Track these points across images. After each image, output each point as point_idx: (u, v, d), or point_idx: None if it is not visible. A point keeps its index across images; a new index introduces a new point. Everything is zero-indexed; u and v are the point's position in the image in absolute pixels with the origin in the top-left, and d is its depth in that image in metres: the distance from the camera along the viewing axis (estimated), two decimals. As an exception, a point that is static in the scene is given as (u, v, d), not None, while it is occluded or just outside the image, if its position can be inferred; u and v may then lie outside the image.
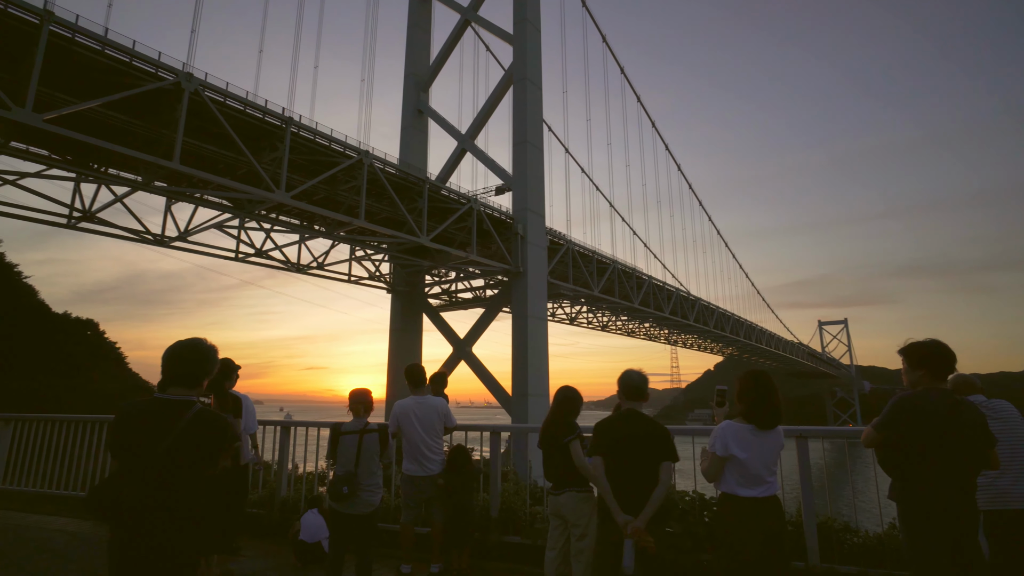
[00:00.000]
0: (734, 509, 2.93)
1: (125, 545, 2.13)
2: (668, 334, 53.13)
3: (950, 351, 2.92)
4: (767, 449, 2.96)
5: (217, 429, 2.30)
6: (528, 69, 28.66)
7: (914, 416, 2.81)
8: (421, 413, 4.99)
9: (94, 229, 17.88)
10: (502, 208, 27.08)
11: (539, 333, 26.75)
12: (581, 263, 31.16)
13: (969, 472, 2.75)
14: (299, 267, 24.40)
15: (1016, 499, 3.27)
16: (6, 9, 12.34)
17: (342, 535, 4.10)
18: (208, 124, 15.82)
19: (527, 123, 28.14)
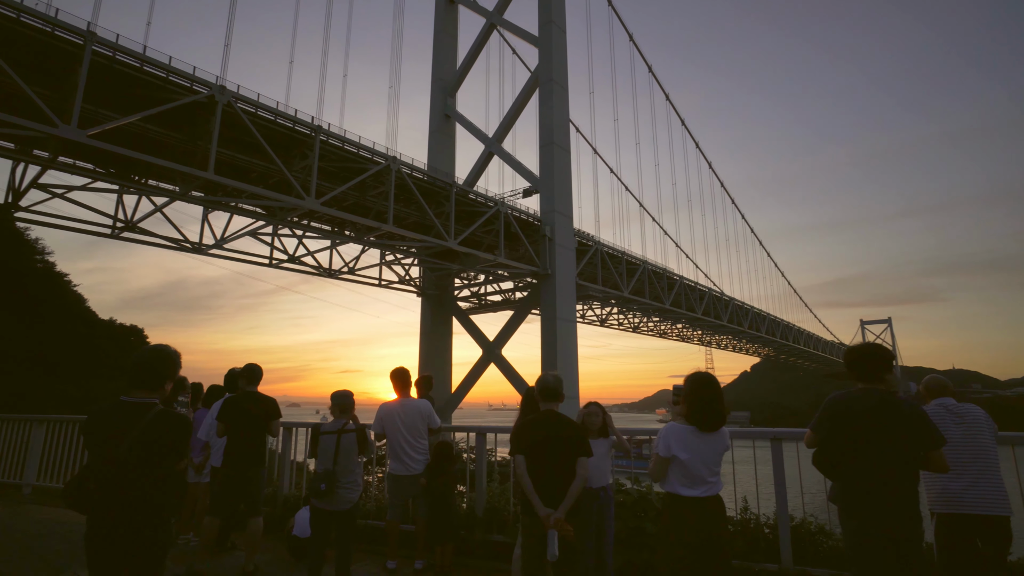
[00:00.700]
0: (674, 509, 3.00)
1: (96, 533, 2.33)
2: (701, 335, 52.25)
3: (881, 352, 2.99)
4: (710, 450, 3.02)
5: (175, 429, 2.50)
6: (554, 71, 28.62)
7: (842, 417, 2.86)
8: (404, 415, 5.15)
9: (136, 239, 18.60)
10: (529, 210, 27.10)
11: (568, 335, 26.64)
12: (610, 264, 30.92)
13: (901, 472, 2.76)
14: (331, 272, 24.89)
15: (968, 504, 3.20)
16: (53, 31, 12.98)
17: (323, 530, 4.27)
18: (241, 134, 16.30)
19: (553, 125, 28.09)
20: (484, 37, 32.68)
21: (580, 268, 28.74)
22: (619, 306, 38.60)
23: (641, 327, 44.62)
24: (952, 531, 3.24)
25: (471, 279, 31.36)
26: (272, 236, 22.21)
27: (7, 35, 12.45)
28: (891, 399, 2.84)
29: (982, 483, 3.22)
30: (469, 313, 31.93)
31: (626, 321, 42.73)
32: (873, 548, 2.71)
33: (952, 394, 3.52)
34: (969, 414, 3.38)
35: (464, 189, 24.95)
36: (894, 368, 3.12)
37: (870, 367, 2.95)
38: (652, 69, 40.77)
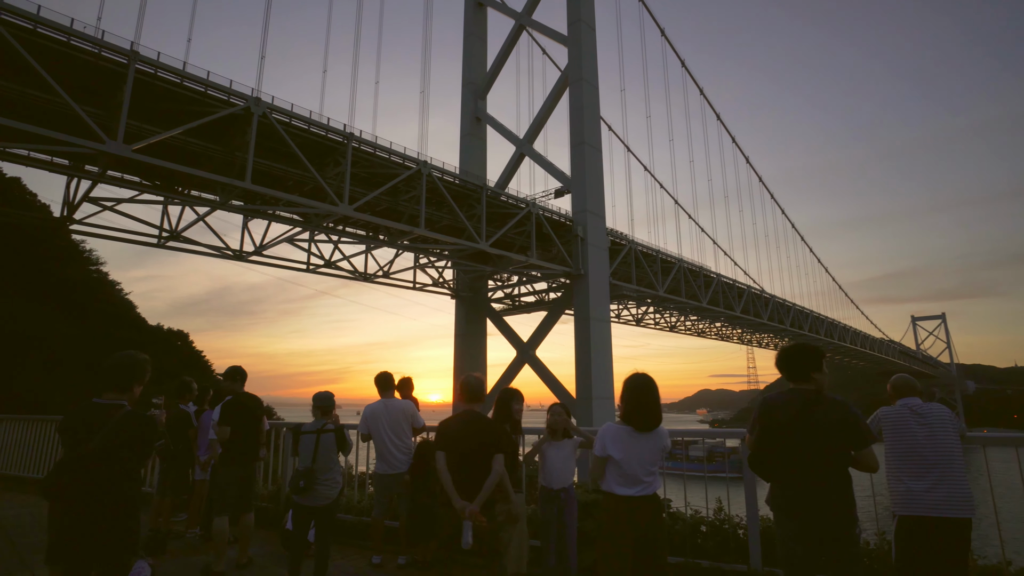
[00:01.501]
0: (610, 507, 3.07)
1: (66, 524, 2.52)
2: (741, 333, 51.01)
3: (805, 352, 2.98)
4: (646, 450, 3.07)
5: (141, 429, 2.69)
6: (584, 69, 28.44)
7: (768, 417, 2.89)
8: (388, 415, 5.29)
9: (181, 247, 19.37)
10: (561, 211, 26.99)
11: (602, 335, 26.41)
12: (644, 263, 30.50)
13: (829, 473, 2.75)
14: (366, 276, 25.33)
15: (928, 505, 3.12)
16: (100, 52, 13.63)
17: (303, 525, 4.43)
18: (276, 144, 16.76)
19: (584, 124, 27.91)
20: (513, 38, 32.74)
21: (613, 268, 28.43)
22: (655, 305, 38.04)
23: (678, 326, 43.85)
24: (911, 533, 3.17)
25: (504, 280, 31.44)
26: (309, 242, 22.77)
27: (59, 58, 13.15)
28: (817, 399, 2.85)
29: (944, 485, 3.14)
30: (503, 314, 31.99)
31: (662, 320, 42.07)
32: (798, 549, 2.73)
33: (918, 394, 3.46)
34: (932, 414, 3.31)
35: (496, 191, 25.03)
36: (823, 368, 3.00)
37: (797, 366, 2.96)
38: (685, 63, 40.05)
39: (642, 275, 31.09)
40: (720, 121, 43.87)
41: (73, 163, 15.92)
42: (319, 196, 18.15)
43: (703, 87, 41.32)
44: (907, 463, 3.25)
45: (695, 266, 35.01)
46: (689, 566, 4.35)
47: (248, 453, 4.94)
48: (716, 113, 43.49)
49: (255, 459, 5.08)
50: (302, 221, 20.41)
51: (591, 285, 26.20)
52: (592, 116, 28.65)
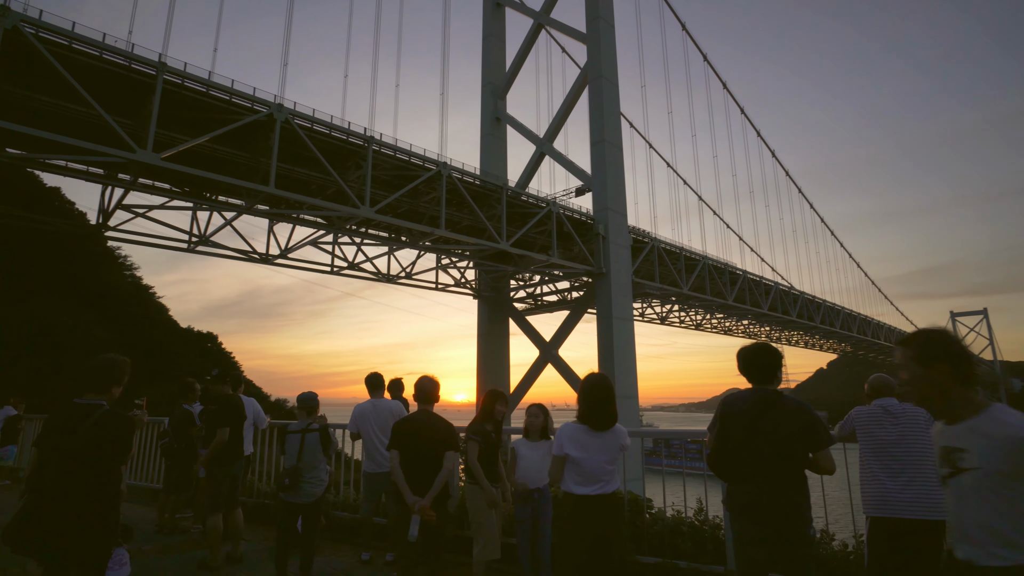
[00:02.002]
0: (568, 506, 3.08)
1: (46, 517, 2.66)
2: (769, 331, 50.07)
3: (765, 352, 2.93)
4: (604, 449, 3.08)
5: (117, 428, 2.82)
6: (603, 67, 28.31)
7: (726, 416, 2.87)
8: (376, 415, 5.39)
9: (209, 252, 19.90)
10: (582, 209, 26.92)
11: (625, 334, 26.25)
12: (668, 260, 30.22)
13: (783, 473, 2.72)
14: (388, 277, 25.64)
15: (900, 507, 3.06)
16: (130, 65, 14.14)
17: (289, 521, 4.57)
18: (299, 149, 17.12)
19: (604, 121, 27.78)
20: (532, 38, 32.77)
21: (636, 266, 28.24)
22: (679, 303, 37.64)
23: (704, 324, 43.31)
24: (882, 535, 3.11)
25: (526, 280, 31.49)
26: (332, 244, 23.15)
27: (92, 71, 13.68)
28: (775, 400, 2.80)
29: (916, 486, 3.07)
30: (525, 314, 32.04)
31: (687, 318, 41.59)
32: (756, 551, 2.70)
33: (896, 394, 3.37)
34: (906, 414, 3.24)
35: (517, 191, 25.09)
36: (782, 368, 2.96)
37: (760, 366, 2.91)
38: (707, 58, 39.52)
39: (665, 273, 30.80)
40: (744, 115, 43.21)
41: (107, 172, 16.54)
42: (341, 199, 18.48)
43: (726, 81, 40.72)
44: (879, 463, 3.20)
45: (720, 263, 34.53)
46: (667, 566, 4.34)
47: (234, 452, 5.09)
48: (740, 107, 42.86)
49: (240, 457, 5.23)
50: (326, 224, 20.79)
51: (613, 283, 26.07)
52: (612, 113, 28.51)
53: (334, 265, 23.58)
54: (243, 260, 20.88)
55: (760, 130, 44.35)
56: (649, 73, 35.79)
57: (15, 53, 12.55)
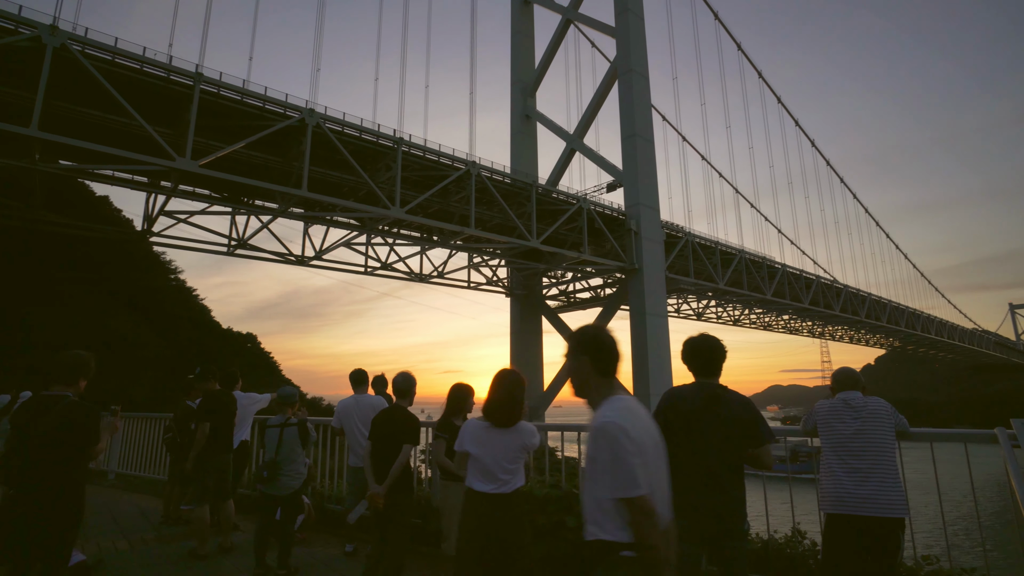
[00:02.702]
0: (468, 503, 3.04)
1: (14, 504, 2.86)
2: (811, 326, 48.57)
3: (707, 345, 2.92)
4: (504, 447, 3.04)
5: (79, 418, 3.01)
6: (633, 60, 27.93)
7: (671, 410, 2.88)
8: (359, 411, 5.46)
9: (248, 255, 20.52)
10: (614, 205, 26.63)
11: (659, 331, 25.87)
12: (702, 255, 29.62)
13: (722, 467, 2.73)
14: (421, 277, 25.93)
15: (854, 503, 2.95)
16: (168, 76, 14.69)
17: (268, 513, 4.71)
18: (330, 152, 17.47)
19: (635, 115, 27.42)
20: (560, 33, 32.58)
21: (670, 261, 27.79)
22: (716, 299, 36.88)
23: (742, 320, 42.33)
24: (836, 532, 3.01)
25: (558, 277, 31.37)
26: (366, 245, 23.55)
27: (133, 84, 14.26)
28: (719, 394, 2.82)
29: (872, 482, 2.95)
30: (558, 311, 31.93)
31: (725, 314, 40.71)
32: (686, 544, 2.67)
33: (861, 388, 3.28)
34: (867, 408, 3.14)
35: (548, 188, 25.03)
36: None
37: (705, 360, 2.92)
38: (741, 47, 38.52)
39: (700, 268, 30.22)
40: (781, 104, 41.96)
41: (150, 180, 17.24)
42: (372, 201, 18.77)
43: (761, 70, 39.61)
44: (836, 458, 3.11)
45: (757, 257, 33.67)
46: None
47: (219, 446, 5.26)
48: (776, 96, 41.61)
49: (227, 451, 5.40)
50: (358, 225, 21.16)
51: (646, 279, 25.72)
52: (643, 107, 28.10)
53: (367, 266, 23.98)
54: (280, 262, 21.46)
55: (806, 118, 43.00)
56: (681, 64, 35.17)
57: (64, 70, 13.19)
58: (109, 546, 5.63)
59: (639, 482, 1.79)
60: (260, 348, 27.83)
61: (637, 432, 1.88)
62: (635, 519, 1.78)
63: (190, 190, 17.90)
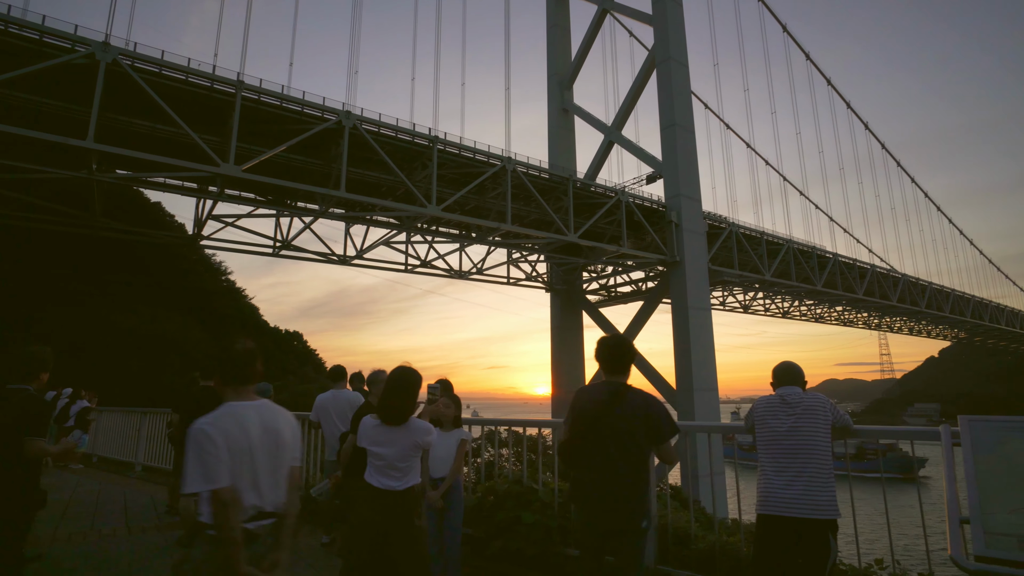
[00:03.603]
0: (362, 495, 3.08)
1: None
2: (867, 317, 46.45)
3: (615, 345, 2.99)
4: (395, 444, 3.04)
5: (27, 409, 3.20)
6: (671, 48, 27.25)
7: (575, 409, 2.96)
8: (335, 406, 5.52)
9: (292, 255, 21.13)
10: (653, 197, 26.12)
11: (702, 324, 25.26)
12: (747, 246, 28.71)
13: (623, 464, 2.79)
14: (460, 273, 26.10)
15: (781, 504, 2.81)
16: (212, 86, 15.22)
17: None
18: (368, 153, 17.75)
19: (674, 105, 26.76)
20: (597, 24, 32.08)
21: (713, 253, 27.08)
22: (763, 290, 35.72)
23: (792, 311, 40.85)
24: (765, 533, 2.88)
25: (599, 271, 31.03)
26: (406, 243, 23.86)
27: (179, 94, 14.85)
28: (621, 391, 2.88)
29: (802, 481, 2.80)
30: (599, 306, 31.58)
31: (773, 306, 39.38)
32: (585, 540, 2.83)
33: (802, 383, 3.11)
34: (803, 404, 2.97)
35: (583, 182, 24.76)
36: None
37: (612, 359, 2.97)
38: (787, 28, 37.01)
39: (746, 259, 29.31)
40: (831, 86, 40.08)
41: (199, 186, 17.95)
42: (409, 200, 18.99)
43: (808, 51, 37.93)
44: (768, 456, 2.97)
45: (806, 246, 32.39)
46: None
47: None
48: (826, 78, 39.80)
49: None
50: (397, 224, 21.48)
51: (688, 272, 25.14)
52: (682, 96, 27.40)
53: (407, 264, 24.29)
54: (323, 262, 22.02)
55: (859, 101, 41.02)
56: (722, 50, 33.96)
57: (115, 83, 13.85)
58: (109, 532, 5.91)
59: (215, 477, 2.05)
60: (306, 346, 28.73)
61: (224, 434, 2.12)
62: (214, 507, 2.06)
63: (236, 194, 18.54)
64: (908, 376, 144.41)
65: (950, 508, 2.10)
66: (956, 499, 2.13)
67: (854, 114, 42.67)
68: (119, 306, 20.12)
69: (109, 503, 7.49)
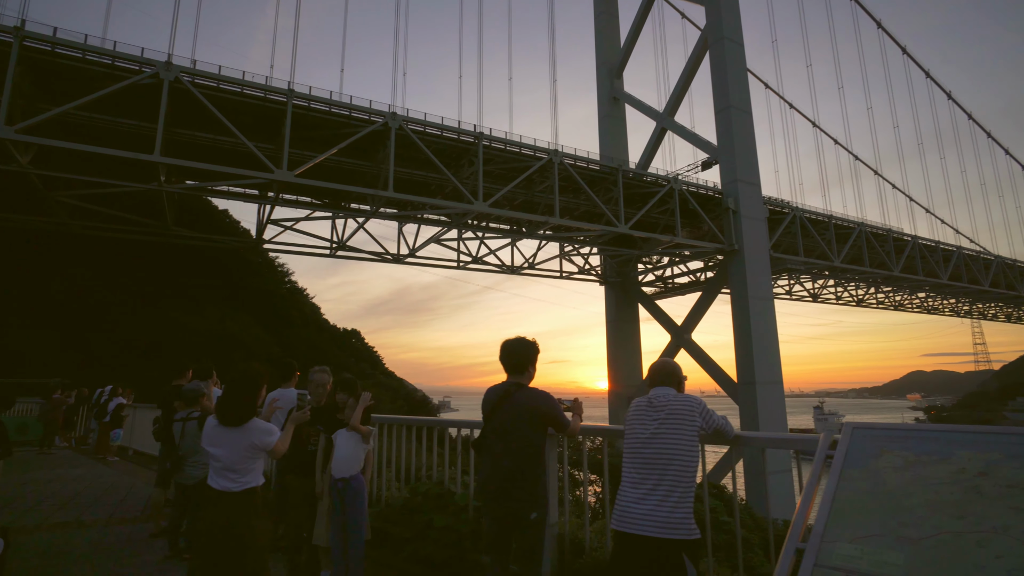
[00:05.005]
0: (205, 498, 3.07)
1: None
2: (955, 304, 43.01)
3: (510, 348, 3.10)
4: (231, 445, 3.01)
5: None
6: (724, 26, 26.13)
7: (484, 404, 3.15)
8: (286, 403, 5.44)
9: (348, 255, 21.89)
10: (709, 183, 25.21)
11: (763, 314, 24.16)
12: (813, 231, 27.18)
13: (513, 458, 2.92)
14: (513, 269, 26.19)
15: (631, 520, 2.53)
16: (265, 96, 15.97)
17: (179, 499, 5.08)
18: (415, 152, 18.10)
19: (729, 86, 25.67)
20: (646, 7, 31.25)
21: (775, 239, 25.84)
22: (833, 277, 33.77)
23: (867, 299, 38.40)
24: (618, 551, 2.63)
25: (654, 263, 30.29)
26: (457, 240, 24.17)
27: (235, 106, 15.67)
28: (511, 391, 3.03)
29: (656, 495, 2.51)
30: (655, 298, 30.85)
31: (846, 294, 37.16)
32: (486, 522, 3.02)
33: (675, 383, 2.82)
34: (669, 407, 2.67)
35: (636, 172, 24.23)
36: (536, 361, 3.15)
37: (507, 361, 3.11)
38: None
39: (812, 245, 27.80)
40: (907, 55, 37.16)
41: (260, 192, 18.91)
42: (456, 197, 19.22)
43: (880, 19, 35.34)
44: (628, 465, 2.68)
45: (880, 229, 30.31)
46: None
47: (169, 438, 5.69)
48: (901, 46, 36.95)
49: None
50: (447, 221, 21.79)
51: (748, 260, 24.11)
52: (738, 76, 26.24)
53: (459, 261, 24.60)
54: (377, 261, 22.66)
55: (928, 70, 37.95)
56: (781, 25, 31.73)
57: (179, 99, 14.79)
58: (88, 520, 6.21)
59: None
60: (364, 343, 29.79)
61: None
62: None
63: (293, 199, 19.40)
64: (1008, 367, 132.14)
65: (791, 532, 1.75)
66: (803, 522, 1.78)
67: (934, 83, 39.45)
68: (190, 308, 21.59)
69: (105, 492, 7.92)
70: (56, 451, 12.81)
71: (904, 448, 1.76)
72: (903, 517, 1.59)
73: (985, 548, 1.41)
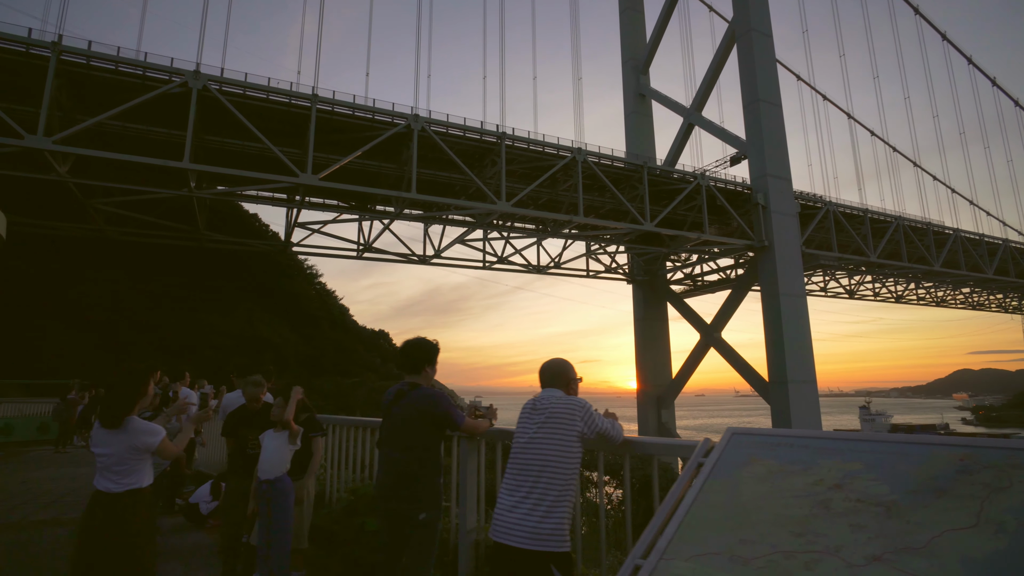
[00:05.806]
0: (91, 498, 3.04)
1: None
2: (1002, 299, 41.21)
3: (405, 348, 3.18)
4: (112, 446, 2.98)
5: None
6: (753, 18, 25.52)
7: (383, 404, 3.23)
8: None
9: (375, 257, 22.13)
10: (737, 179, 24.66)
11: (796, 311, 23.53)
12: (847, 226, 26.35)
13: (402, 455, 2.98)
14: (539, 268, 26.08)
15: (503, 530, 2.37)
16: (290, 102, 16.23)
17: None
18: (438, 154, 18.18)
19: (758, 79, 25.06)
20: (672, 1, 30.72)
21: (807, 235, 25.15)
22: (870, 273, 32.69)
23: (907, 295, 37.07)
24: (494, 563, 2.51)
25: (682, 260, 29.80)
26: (483, 241, 24.18)
27: (261, 112, 15.97)
28: (404, 391, 3.07)
29: (528, 503, 2.35)
30: (684, 296, 30.35)
31: (884, 290, 35.94)
32: (380, 518, 3.09)
33: (563, 384, 2.65)
34: (549, 409, 2.51)
35: (663, 169, 23.87)
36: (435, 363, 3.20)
37: (403, 361, 3.16)
38: (890, -18, 33.42)
39: (846, 240, 26.95)
40: (947, 41, 35.64)
41: (288, 196, 19.25)
42: (480, 197, 19.23)
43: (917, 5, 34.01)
44: (509, 471, 2.53)
45: (919, 223, 29.20)
46: None
47: None
48: (941, 33, 35.51)
49: None
50: (472, 222, 21.82)
51: (779, 257, 23.50)
52: (767, 69, 25.59)
53: (485, 261, 24.61)
54: (403, 262, 22.85)
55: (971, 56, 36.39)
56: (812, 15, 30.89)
57: (207, 107, 15.15)
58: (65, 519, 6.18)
59: None
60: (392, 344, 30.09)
61: None
62: None
63: (319, 202, 19.69)
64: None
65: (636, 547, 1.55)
66: (652, 536, 1.57)
67: (977, 70, 37.77)
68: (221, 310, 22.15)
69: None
70: (71, 450, 13.11)
71: (773, 456, 1.57)
72: (745, 534, 1.42)
73: (811, 571, 1.26)
